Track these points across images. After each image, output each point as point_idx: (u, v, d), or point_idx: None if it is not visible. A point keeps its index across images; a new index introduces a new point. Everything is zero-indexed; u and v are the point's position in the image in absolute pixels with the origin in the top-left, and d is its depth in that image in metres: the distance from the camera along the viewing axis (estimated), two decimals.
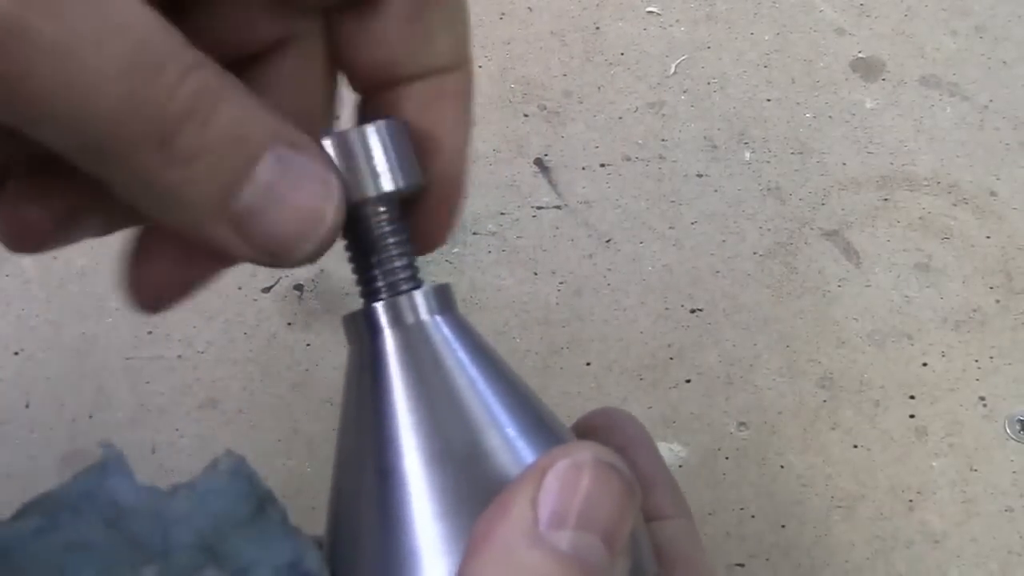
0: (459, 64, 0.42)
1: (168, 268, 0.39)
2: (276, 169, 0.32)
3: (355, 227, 0.38)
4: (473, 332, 0.39)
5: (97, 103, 0.29)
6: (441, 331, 0.38)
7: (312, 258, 0.34)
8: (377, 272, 0.38)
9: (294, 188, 0.33)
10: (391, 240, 0.39)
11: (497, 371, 0.38)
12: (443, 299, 0.39)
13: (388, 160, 0.37)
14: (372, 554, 0.34)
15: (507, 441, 0.36)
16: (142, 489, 0.35)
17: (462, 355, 0.38)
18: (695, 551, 0.43)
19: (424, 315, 0.38)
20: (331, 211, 0.34)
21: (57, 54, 0.28)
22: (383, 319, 0.38)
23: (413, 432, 0.35)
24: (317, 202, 0.33)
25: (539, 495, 0.32)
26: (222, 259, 0.38)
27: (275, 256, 0.34)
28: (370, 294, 0.39)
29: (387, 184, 0.37)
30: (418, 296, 0.38)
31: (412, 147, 0.39)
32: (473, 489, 0.34)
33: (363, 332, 0.38)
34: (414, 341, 0.37)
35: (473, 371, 0.37)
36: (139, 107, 0.30)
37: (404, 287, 0.39)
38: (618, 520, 0.32)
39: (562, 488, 0.32)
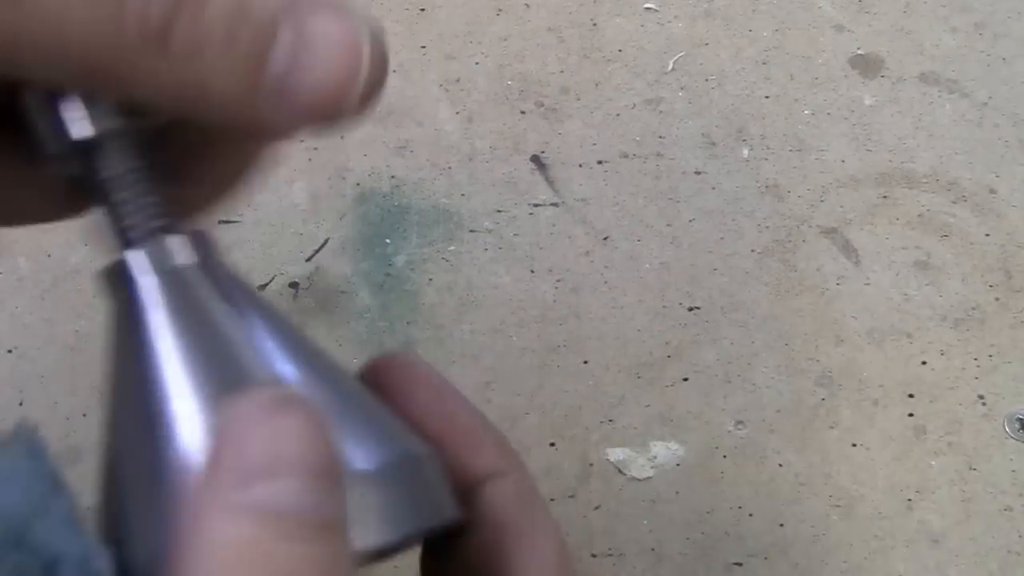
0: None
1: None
2: (297, 32, 0.31)
3: (95, 166, 0.35)
4: (238, 279, 0.36)
5: (74, 32, 0.28)
6: (207, 278, 0.35)
7: (359, 113, 0.33)
8: (128, 217, 0.35)
9: (323, 48, 0.32)
10: (132, 177, 0.35)
11: (280, 323, 0.35)
12: (203, 245, 0.36)
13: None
14: (124, 512, 0.33)
15: (260, 355, 0.34)
16: None
17: (225, 303, 0.34)
18: (529, 511, 0.39)
19: (185, 260, 0.35)
20: (366, 61, 0.32)
21: None
22: (140, 268, 0.35)
23: (174, 371, 0.33)
24: (349, 55, 0.32)
25: (217, 460, 0.29)
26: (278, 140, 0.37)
27: (330, 119, 0.32)
28: (126, 243, 0.35)
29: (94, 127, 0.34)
30: (175, 240, 0.35)
31: None
32: (152, 465, 0.32)
33: (116, 284, 0.35)
34: (170, 288, 0.34)
35: (242, 319, 0.34)
36: (117, 21, 0.29)
37: (158, 232, 0.35)
38: (309, 451, 0.29)
39: (234, 445, 0.29)
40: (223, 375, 0.33)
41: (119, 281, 0.35)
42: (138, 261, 0.34)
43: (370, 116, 0.35)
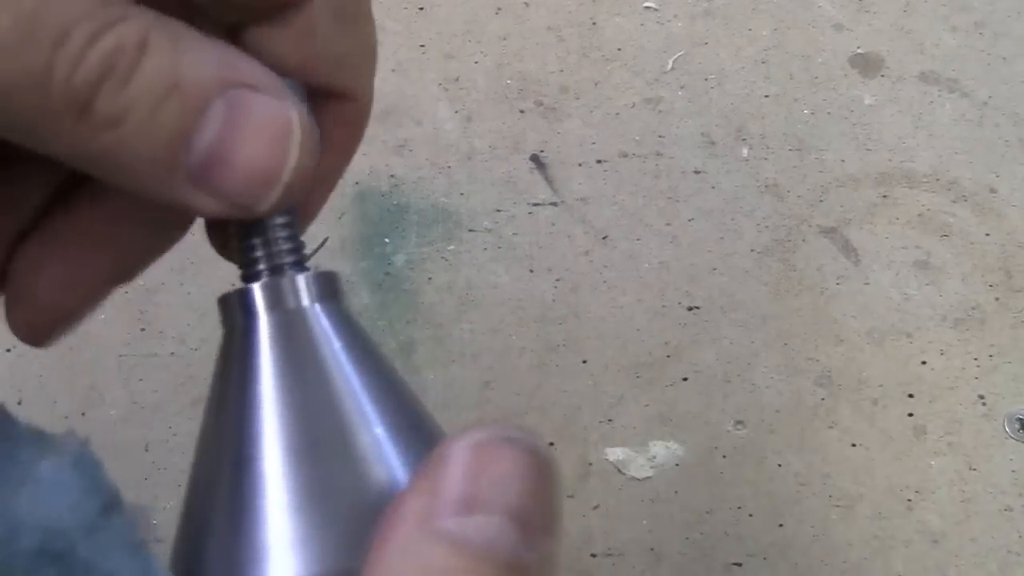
0: (365, 95, 0.39)
1: (55, 291, 0.37)
2: (228, 114, 0.30)
3: None
4: (356, 325, 0.36)
5: None
6: (321, 320, 0.35)
7: (284, 203, 0.32)
8: (259, 250, 0.36)
9: (252, 132, 0.31)
10: (276, 216, 0.36)
11: (376, 368, 0.35)
12: (328, 286, 0.36)
13: None
14: (220, 547, 0.32)
15: (375, 439, 0.33)
16: None
17: (340, 347, 0.34)
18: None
19: (304, 301, 0.35)
20: (295, 151, 0.31)
21: None
22: (259, 301, 0.35)
23: (276, 422, 0.33)
24: (279, 144, 0.31)
25: (437, 484, 0.29)
26: (183, 224, 0.36)
27: (244, 208, 0.32)
28: (249, 275, 0.36)
29: None
30: (300, 280, 0.35)
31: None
32: (333, 485, 0.32)
33: (236, 314, 0.35)
34: (290, 327, 0.35)
35: (349, 365, 0.34)
36: (41, 80, 0.28)
37: (287, 269, 0.36)
38: (530, 497, 0.29)
39: (462, 473, 0.29)
40: (316, 425, 0.33)
41: (233, 310, 0.35)
42: (257, 295, 0.35)
43: (292, 205, 0.35)
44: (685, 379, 0.78)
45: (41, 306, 0.37)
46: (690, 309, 0.81)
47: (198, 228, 0.39)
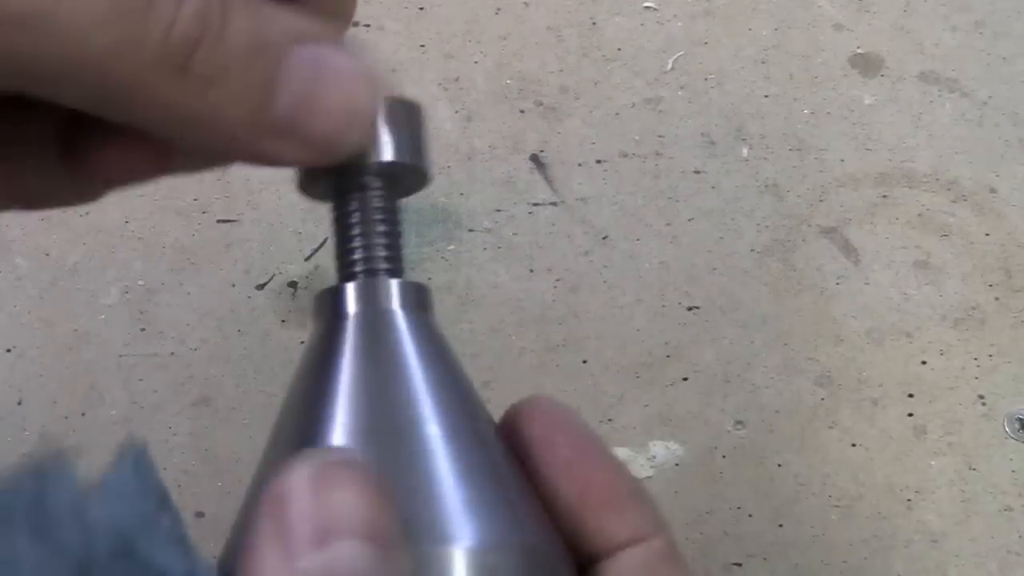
0: None
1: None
2: (308, 69, 0.32)
3: (346, 194, 0.37)
4: (438, 335, 0.37)
5: (92, 55, 0.28)
6: (407, 325, 0.36)
7: (362, 148, 0.34)
8: (358, 251, 0.37)
9: (330, 85, 0.32)
10: (379, 217, 0.37)
11: (445, 374, 0.36)
12: (419, 296, 0.37)
13: (397, 135, 0.36)
14: None
15: (428, 436, 0.34)
16: (71, 491, 0.33)
17: (418, 350, 0.36)
18: None
19: (395, 305, 0.36)
20: (371, 99, 0.33)
21: (30, 19, 0.27)
22: (351, 300, 0.37)
23: (348, 411, 0.34)
24: (356, 94, 0.33)
25: (284, 525, 0.29)
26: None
27: (325, 155, 0.33)
28: (346, 275, 0.37)
29: (388, 154, 0.36)
30: (393, 284, 0.37)
31: (426, 135, 0.38)
32: (383, 471, 0.32)
33: (328, 309, 0.37)
34: (377, 328, 0.36)
35: (421, 368, 0.36)
36: (138, 45, 0.29)
37: (382, 272, 0.37)
38: (376, 513, 0.29)
39: (306, 507, 0.29)
40: (378, 416, 0.34)
41: (327, 307, 0.37)
42: (349, 294, 0.37)
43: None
44: (685, 379, 0.78)
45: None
46: (690, 309, 0.81)
47: (198, 229, 0.39)
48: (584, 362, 0.78)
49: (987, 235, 0.84)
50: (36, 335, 0.78)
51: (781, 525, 0.72)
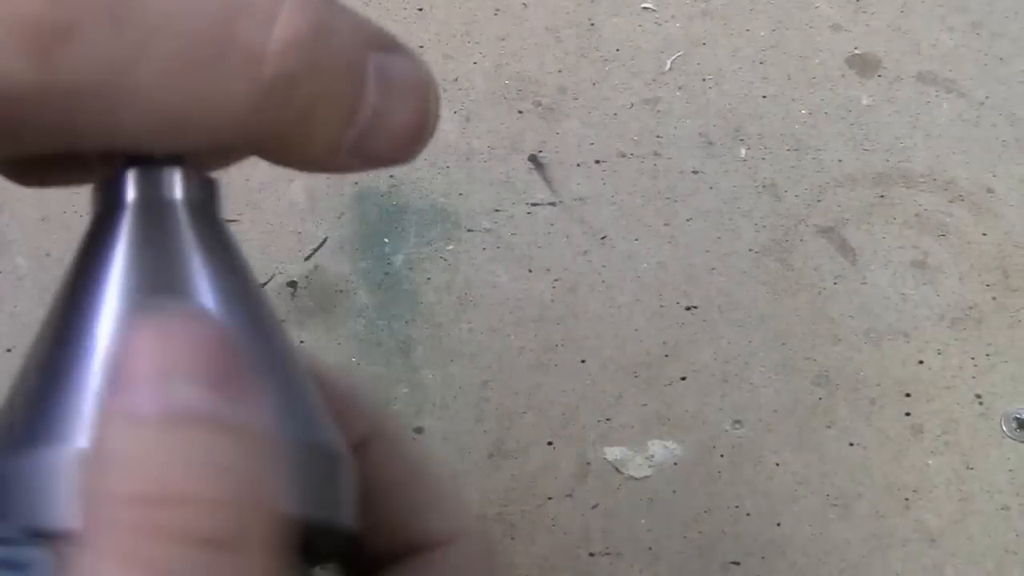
0: None
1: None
2: (380, 83, 0.30)
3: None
4: (222, 228, 0.33)
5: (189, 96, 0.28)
6: (188, 217, 0.33)
7: (424, 146, 0.33)
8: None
9: (402, 96, 0.31)
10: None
11: (232, 271, 0.34)
12: (204, 188, 0.34)
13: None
14: (32, 405, 0.31)
15: None
16: None
17: (202, 246, 0.33)
18: (397, 457, 0.37)
19: (177, 195, 0.33)
20: (436, 107, 0.32)
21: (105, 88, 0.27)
22: (130, 188, 0.33)
23: (118, 302, 0.31)
24: (423, 102, 0.32)
25: (118, 377, 0.26)
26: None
27: (392, 164, 0.32)
28: (125, 161, 0.34)
29: None
30: (176, 174, 0.33)
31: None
32: None
33: (105, 198, 0.34)
34: (156, 218, 0.33)
35: (208, 264, 0.32)
36: (250, 91, 0.28)
37: (163, 160, 0.34)
38: (217, 364, 0.26)
39: (131, 352, 0.26)
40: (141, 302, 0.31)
41: (103, 195, 0.34)
42: (128, 181, 0.33)
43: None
44: (683, 379, 0.78)
45: None
46: (688, 309, 0.81)
47: None
48: (582, 362, 0.78)
49: (984, 235, 0.84)
50: None
51: (779, 524, 0.72)
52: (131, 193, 0.33)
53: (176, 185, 0.33)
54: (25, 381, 0.33)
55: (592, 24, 0.96)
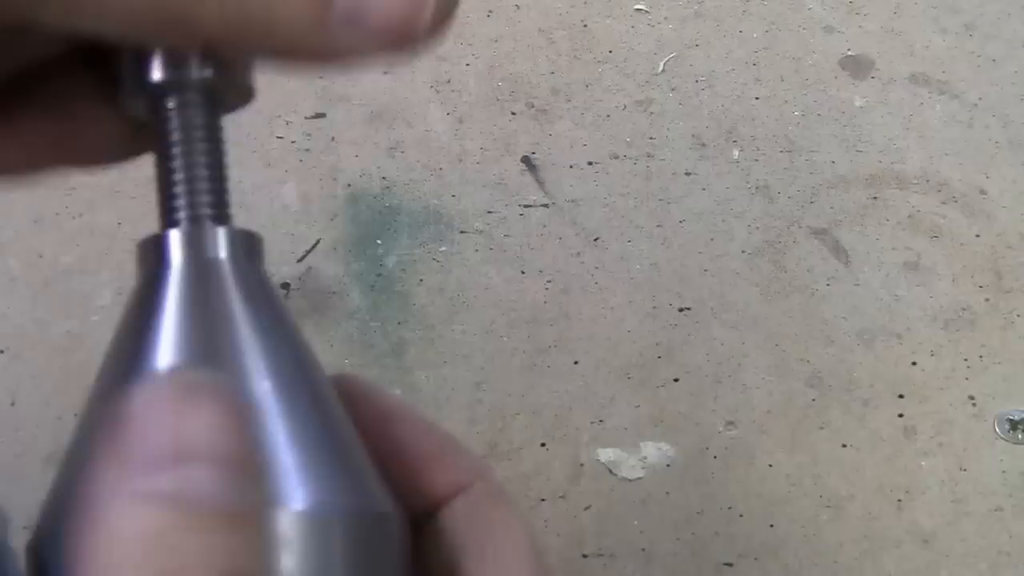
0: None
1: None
2: None
3: (165, 122, 0.33)
4: (269, 288, 0.34)
5: None
6: (234, 276, 0.33)
7: (440, 31, 0.29)
8: (181, 195, 0.33)
9: None
10: (196, 147, 0.35)
11: (277, 330, 0.33)
12: (248, 245, 0.34)
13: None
14: (84, 465, 0.30)
15: (264, 392, 0.32)
16: None
17: (248, 306, 0.32)
18: (492, 517, 0.38)
19: (222, 255, 0.33)
20: None
21: None
22: (176, 249, 0.33)
23: (169, 365, 0.31)
24: None
25: (121, 444, 0.26)
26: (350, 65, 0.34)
27: (400, 44, 0.29)
28: (170, 221, 0.33)
29: (208, 69, 0.32)
30: (220, 233, 0.33)
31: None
32: None
33: (151, 260, 0.33)
34: (203, 279, 0.32)
35: (254, 325, 0.32)
36: None
37: (207, 220, 0.33)
38: (224, 442, 0.26)
39: (139, 430, 0.26)
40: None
41: (149, 256, 0.34)
42: (174, 241, 0.33)
43: (439, 43, 0.33)
44: (676, 380, 0.78)
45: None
46: (681, 310, 0.81)
47: None
48: (575, 363, 0.78)
49: (977, 236, 0.84)
50: (29, 337, 0.78)
51: (772, 525, 0.72)
52: (176, 254, 0.33)
53: (221, 244, 0.33)
54: (71, 459, 0.33)
55: (585, 26, 0.96)
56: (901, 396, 0.77)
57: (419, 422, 0.37)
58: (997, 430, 0.76)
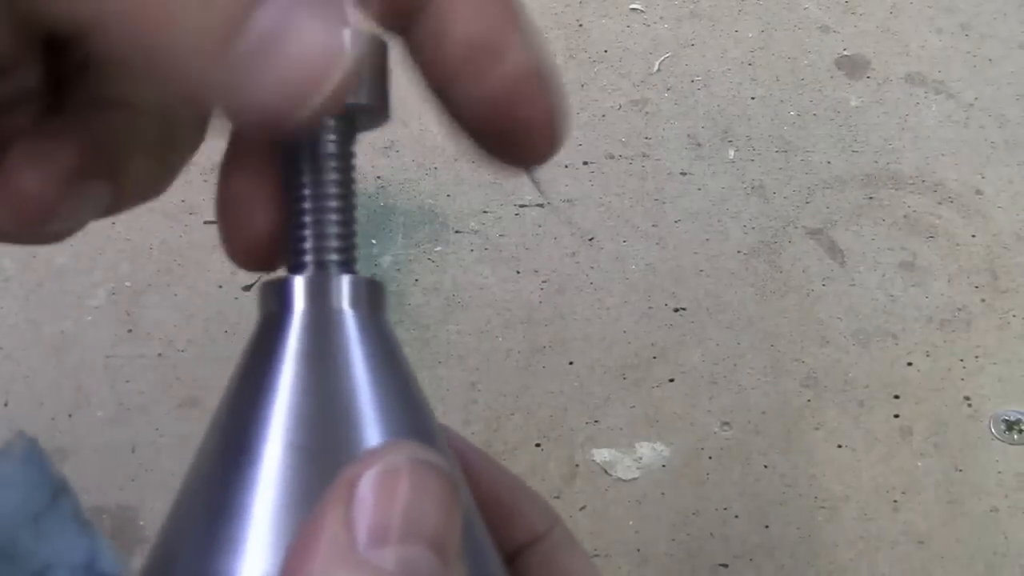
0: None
1: (37, 182, 0.34)
2: (284, 4, 0.27)
3: (296, 159, 0.34)
4: (391, 338, 0.34)
5: None
6: (357, 327, 0.33)
7: (335, 103, 0.29)
8: (308, 238, 0.34)
9: (304, 23, 0.28)
10: (334, 178, 0.34)
11: (397, 382, 0.33)
12: (372, 295, 0.34)
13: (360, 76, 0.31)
14: (196, 539, 0.30)
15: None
16: None
17: (368, 356, 0.32)
18: (576, 561, 0.41)
19: (345, 305, 0.33)
20: (346, 54, 0.28)
21: None
22: (299, 296, 0.33)
23: (286, 421, 0.31)
24: (330, 41, 0.28)
25: (352, 511, 0.27)
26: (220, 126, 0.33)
27: (280, 111, 0.28)
28: (295, 267, 0.34)
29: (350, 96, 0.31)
30: (345, 281, 0.33)
31: (387, 73, 0.34)
32: (321, 488, 0.29)
33: (273, 305, 0.33)
34: (324, 329, 0.32)
35: (371, 375, 0.32)
36: None
37: (333, 266, 0.34)
38: (445, 524, 0.27)
39: (377, 499, 0.27)
40: (323, 434, 0.31)
41: (271, 300, 0.33)
42: (297, 289, 0.33)
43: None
44: (671, 380, 0.78)
45: (25, 195, 0.34)
46: (676, 310, 0.81)
47: (185, 230, 0.39)
48: (570, 363, 0.78)
49: (973, 236, 0.84)
50: (23, 336, 0.78)
51: (767, 526, 0.72)
52: (299, 301, 0.33)
53: (344, 293, 0.33)
54: (184, 511, 0.32)
55: (580, 25, 0.96)
56: (897, 397, 0.77)
57: (495, 470, 0.39)
58: (993, 431, 0.76)
